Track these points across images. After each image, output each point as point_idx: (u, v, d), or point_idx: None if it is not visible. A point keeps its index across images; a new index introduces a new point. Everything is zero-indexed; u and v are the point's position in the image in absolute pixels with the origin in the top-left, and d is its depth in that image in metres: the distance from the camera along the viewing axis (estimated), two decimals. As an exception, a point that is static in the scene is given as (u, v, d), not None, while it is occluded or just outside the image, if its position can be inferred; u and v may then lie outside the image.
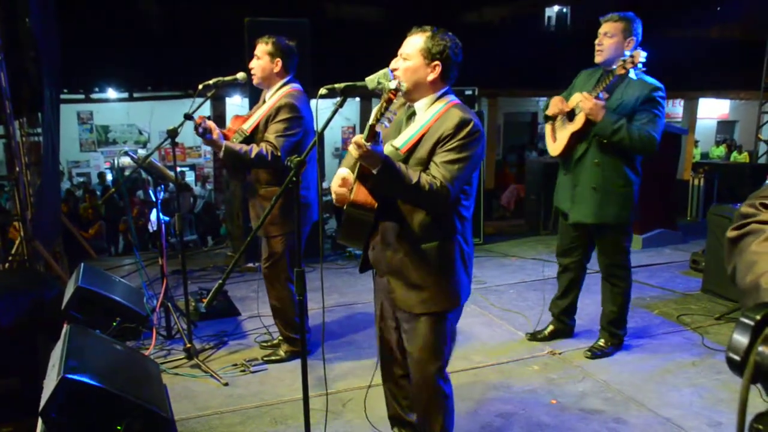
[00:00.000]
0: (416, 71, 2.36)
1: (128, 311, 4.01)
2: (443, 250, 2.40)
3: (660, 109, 3.61)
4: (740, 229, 1.15)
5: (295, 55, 3.80)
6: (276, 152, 3.53)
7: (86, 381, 2.50)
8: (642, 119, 3.57)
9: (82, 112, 15.47)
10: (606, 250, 3.91)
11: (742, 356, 0.63)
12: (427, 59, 2.35)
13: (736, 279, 1.10)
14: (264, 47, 3.71)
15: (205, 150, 16.38)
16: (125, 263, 6.92)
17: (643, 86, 3.58)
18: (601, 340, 4.08)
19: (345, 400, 3.50)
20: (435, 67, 2.35)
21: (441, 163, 2.26)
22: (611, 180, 3.71)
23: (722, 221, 5.16)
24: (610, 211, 3.74)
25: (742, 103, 18.10)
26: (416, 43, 2.36)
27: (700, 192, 8.77)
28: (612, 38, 3.62)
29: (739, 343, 0.64)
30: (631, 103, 3.59)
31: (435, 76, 2.36)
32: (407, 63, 2.36)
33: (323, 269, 4.48)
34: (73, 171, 15.70)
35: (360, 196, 2.30)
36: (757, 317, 0.65)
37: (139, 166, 4.13)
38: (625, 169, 3.73)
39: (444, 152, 2.27)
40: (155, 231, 4.36)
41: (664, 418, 3.28)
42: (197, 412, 3.40)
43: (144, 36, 12.25)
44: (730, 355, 0.65)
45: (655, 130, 3.56)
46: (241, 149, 3.50)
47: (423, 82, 2.38)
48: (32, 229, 5.37)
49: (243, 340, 4.40)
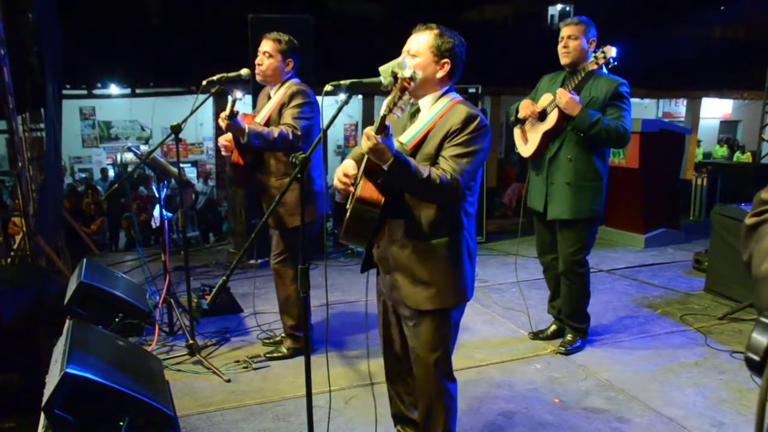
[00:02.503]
0: (425, 68, 2.36)
1: (131, 307, 4.01)
2: (451, 246, 2.40)
3: (627, 103, 3.74)
4: (759, 216, 1.11)
5: (301, 54, 3.83)
6: (297, 131, 3.54)
7: (89, 377, 2.50)
8: (613, 113, 3.69)
9: (84, 108, 15.48)
10: (568, 245, 3.94)
11: (762, 356, 0.62)
12: (437, 56, 2.36)
13: (751, 266, 1.07)
14: (277, 45, 3.67)
15: (207, 146, 16.38)
16: (127, 259, 6.92)
17: (610, 82, 3.71)
18: (569, 335, 4.15)
19: (348, 397, 3.50)
20: (444, 64, 2.37)
21: (450, 156, 2.27)
22: (583, 175, 3.81)
23: (726, 221, 5.15)
24: (584, 205, 3.83)
25: (745, 103, 18.07)
26: (425, 39, 2.37)
27: (702, 192, 8.76)
28: (576, 40, 3.75)
29: (760, 342, 0.63)
30: (600, 98, 3.70)
31: (443, 74, 2.38)
32: (416, 59, 2.36)
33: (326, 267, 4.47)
34: (76, 167, 15.71)
35: (366, 192, 2.26)
36: (777, 317, 0.64)
37: (143, 162, 4.12)
38: (596, 163, 3.82)
39: (452, 146, 2.28)
40: (158, 227, 4.35)
41: (666, 417, 3.27)
42: (199, 408, 3.39)
43: (146, 32, 12.23)
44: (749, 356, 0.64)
45: (626, 124, 3.69)
46: (263, 130, 3.48)
47: (431, 79, 2.38)
48: (34, 225, 5.37)
49: (245, 337, 4.40)
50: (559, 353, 4.06)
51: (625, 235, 7.21)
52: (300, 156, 2.24)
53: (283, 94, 3.69)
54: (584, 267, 3.98)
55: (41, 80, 5.59)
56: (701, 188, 8.79)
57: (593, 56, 3.62)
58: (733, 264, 5.00)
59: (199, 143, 16.44)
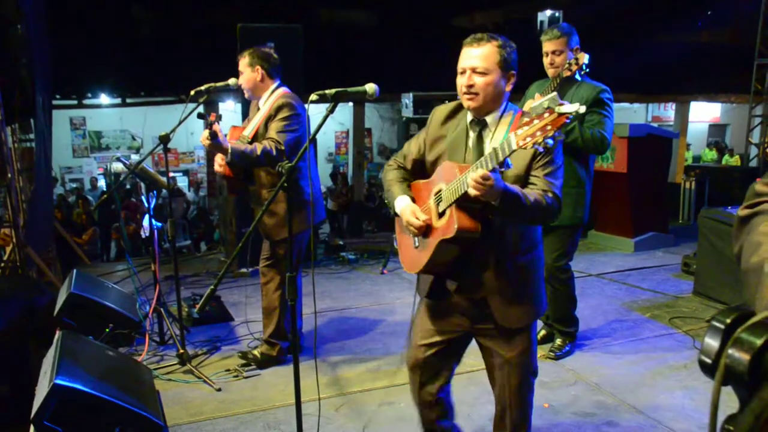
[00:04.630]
0: (497, 85, 2.25)
1: (121, 317, 4.01)
2: (534, 263, 2.44)
3: (608, 110, 3.76)
4: (752, 208, 1.11)
5: (274, 60, 3.81)
6: (280, 146, 3.56)
7: (78, 387, 2.50)
8: (592, 120, 3.72)
9: (74, 118, 15.45)
10: (549, 251, 3.94)
11: (714, 359, 0.65)
12: (504, 70, 2.25)
13: (741, 259, 1.07)
14: (242, 61, 3.76)
15: (198, 155, 16.36)
16: (118, 269, 6.91)
17: (591, 89, 3.74)
18: (558, 340, 4.18)
19: (338, 404, 3.51)
20: (511, 77, 2.28)
21: (544, 176, 2.24)
22: (565, 181, 3.79)
23: (712, 224, 5.19)
24: (566, 212, 3.79)
25: (733, 107, 18.19)
26: (490, 54, 2.24)
27: (691, 195, 8.82)
28: (561, 54, 3.77)
29: (711, 346, 0.66)
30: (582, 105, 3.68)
31: (511, 87, 2.30)
32: (486, 77, 2.23)
33: (317, 274, 4.49)
34: (66, 177, 15.66)
35: (464, 222, 2.14)
36: (727, 321, 0.66)
37: (131, 172, 4.13)
38: (578, 169, 3.84)
39: (542, 165, 2.24)
40: (148, 237, 4.36)
41: (655, 420, 3.30)
42: (190, 417, 3.39)
43: (136, 42, 12.23)
44: (702, 358, 0.66)
45: (605, 131, 3.70)
46: (246, 148, 3.52)
47: (502, 95, 2.29)
48: (25, 236, 5.36)
49: (236, 346, 4.40)
50: (549, 358, 4.08)
51: (614, 239, 7.26)
52: (286, 165, 2.26)
53: (270, 107, 3.71)
54: (566, 273, 4.00)
55: (31, 91, 5.59)
56: (690, 191, 8.85)
57: (567, 63, 3.67)
58: (720, 267, 5.05)
59: (190, 152, 16.41)
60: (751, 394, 0.63)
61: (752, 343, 0.63)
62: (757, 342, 0.63)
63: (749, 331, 0.65)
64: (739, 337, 0.64)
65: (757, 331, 0.64)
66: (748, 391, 0.63)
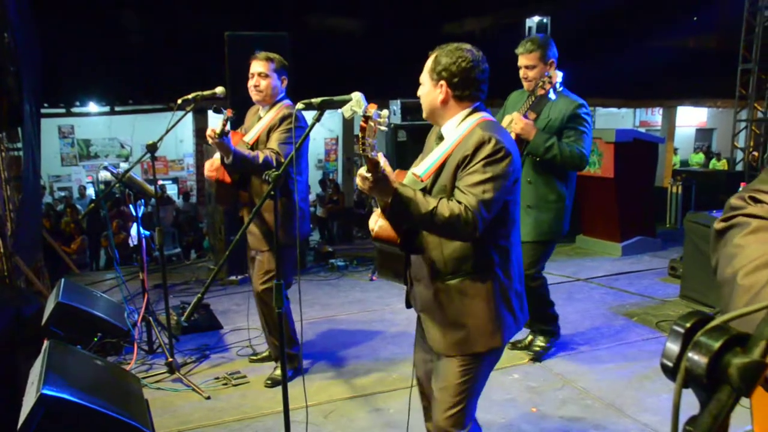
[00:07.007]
0: (428, 95, 2.23)
1: (109, 326, 4.01)
2: (478, 285, 2.19)
3: (586, 126, 3.77)
4: (727, 221, 1.14)
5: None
6: (280, 158, 3.53)
7: (65, 397, 2.50)
8: (570, 136, 3.73)
9: (63, 126, 15.38)
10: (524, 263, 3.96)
11: (674, 362, 0.68)
12: (434, 80, 2.20)
13: (717, 271, 1.10)
14: (270, 65, 3.66)
15: (187, 163, 16.34)
16: (107, 278, 6.88)
17: (568, 103, 3.74)
18: (539, 339, 4.21)
19: (327, 412, 3.51)
20: (440, 86, 2.18)
21: (464, 187, 2.06)
22: (544, 196, 3.86)
23: (698, 228, 5.25)
24: (545, 227, 3.87)
25: (719, 111, 18.38)
26: (426, 65, 2.23)
27: (678, 199, 8.89)
28: (534, 69, 3.76)
29: (672, 350, 0.68)
30: (558, 120, 3.75)
31: (443, 97, 2.19)
32: (422, 89, 2.26)
33: (305, 281, 4.49)
34: (55, 185, 15.58)
35: (382, 230, 2.15)
36: (687, 325, 0.69)
37: (119, 181, 4.13)
38: (557, 184, 3.86)
39: (466, 175, 2.08)
40: (136, 245, 4.36)
41: (642, 424, 3.33)
42: (179, 426, 3.39)
43: (125, 50, 12.22)
44: (663, 362, 0.69)
45: (583, 147, 3.73)
46: (249, 154, 3.49)
47: (435, 105, 2.22)
48: (13, 245, 5.33)
49: (225, 353, 4.40)
50: (532, 360, 4.10)
51: (602, 243, 7.31)
52: (273, 174, 2.28)
53: (274, 116, 3.66)
54: (537, 281, 4.00)
55: (18, 100, 5.57)
56: (677, 196, 8.92)
57: (540, 81, 3.60)
58: (706, 270, 5.09)
59: (180, 160, 16.38)
60: (709, 396, 0.65)
61: (710, 346, 0.66)
62: (715, 345, 0.65)
63: (708, 335, 0.67)
64: (698, 340, 0.67)
65: (715, 335, 0.66)
66: (707, 393, 0.66)
